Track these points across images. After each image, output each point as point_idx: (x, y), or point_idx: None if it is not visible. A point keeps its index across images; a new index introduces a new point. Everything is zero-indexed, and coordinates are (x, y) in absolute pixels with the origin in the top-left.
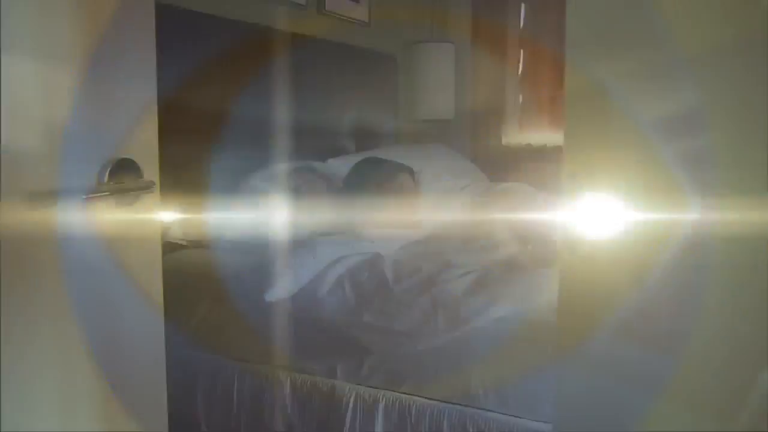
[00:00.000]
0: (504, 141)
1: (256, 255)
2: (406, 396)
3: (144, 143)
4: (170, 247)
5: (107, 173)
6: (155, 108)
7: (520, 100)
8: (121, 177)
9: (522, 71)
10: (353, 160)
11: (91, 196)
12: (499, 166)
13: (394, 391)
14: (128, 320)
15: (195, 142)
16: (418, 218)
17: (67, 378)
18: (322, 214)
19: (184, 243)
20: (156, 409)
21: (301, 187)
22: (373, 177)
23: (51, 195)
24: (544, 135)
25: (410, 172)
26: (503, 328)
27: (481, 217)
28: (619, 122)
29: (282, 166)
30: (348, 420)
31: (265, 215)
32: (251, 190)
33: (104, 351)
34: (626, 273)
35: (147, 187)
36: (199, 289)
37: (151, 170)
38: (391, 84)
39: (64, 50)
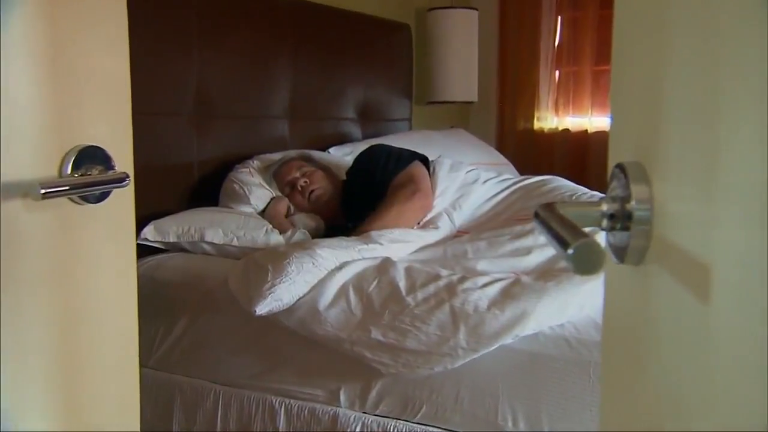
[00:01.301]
0: (536, 126)
1: (244, 259)
2: (421, 427)
3: (115, 128)
4: (144, 251)
5: (70, 164)
6: (128, 86)
7: (557, 77)
8: (87, 168)
9: (559, 42)
10: (359, 148)
11: (49, 191)
12: (531, 156)
13: (407, 421)
14: (95, 340)
15: (172, 126)
16: (434, 217)
17: (19, 405)
18: (322, 211)
19: (161, 246)
20: None
21: (297, 180)
22: (382, 168)
23: None
24: (584, 118)
25: (425, 162)
26: (536, 348)
27: (510, 215)
28: (681, 103)
29: (274, 156)
30: None
31: (254, 212)
32: (239, 183)
33: (66, 378)
34: (687, 284)
35: (119, 181)
36: (178, 300)
37: (123, 160)
38: (403, 59)
39: (18, 18)
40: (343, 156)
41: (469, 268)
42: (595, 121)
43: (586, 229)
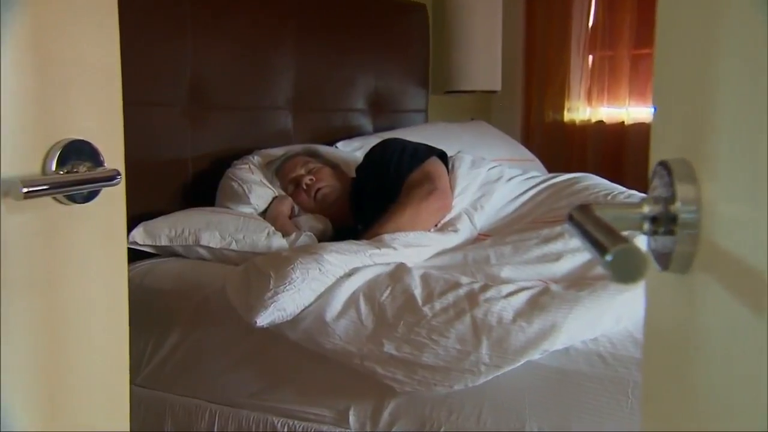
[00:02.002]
0: (567, 117)
1: (244, 265)
2: None
3: (104, 120)
4: (134, 255)
5: (55, 160)
6: (118, 75)
7: (590, 62)
8: (73, 165)
9: (593, 23)
10: (370, 142)
11: (32, 190)
12: (560, 151)
13: None
14: (82, 353)
15: (164, 118)
16: (453, 218)
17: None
18: (330, 211)
19: (151, 250)
20: None
21: (302, 178)
22: (396, 165)
23: None
24: (621, 109)
25: (443, 158)
26: (567, 364)
27: (537, 217)
28: (735, 92)
29: (277, 151)
30: None
31: (254, 213)
32: (237, 181)
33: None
34: (741, 295)
35: (109, 178)
36: (170, 310)
37: (113, 155)
38: (419, 43)
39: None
40: (353, 151)
41: (492, 275)
42: (633, 111)
43: (626, 233)
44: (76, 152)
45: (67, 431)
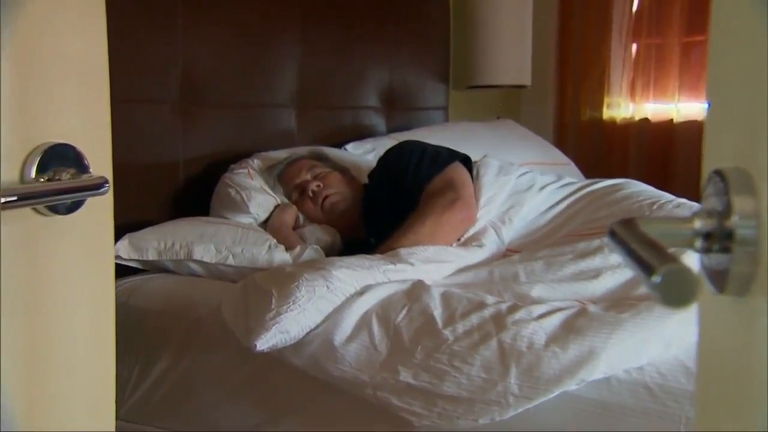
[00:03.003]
0: (606, 115)
1: (242, 282)
2: None
3: (89, 122)
4: (118, 272)
5: (34, 166)
6: (105, 71)
7: (634, 51)
8: (55, 171)
9: (638, 7)
10: (384, 145)
11: (9, 200)
12: (599, 153)
13: None
14: (63, 382)
15: (152, 117)
16: (478, 232)
17: None
18: (339, 222)
19: (137, 265)
20: None
21: (308, 184)
22: (414, 170)
23: None
24: (669, 105)
25: (467, 163)
26: (608, 396)
27: (573, 229)
28: None
29: (279, 154)
30: None
31: (254, 224)
32: (235, 187)
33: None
34: None
35: (95, 187)
36: (158, 333)
37: (100, 161)
38: (438, 33)
39: None
40: (364, 154)
41: (521, 294)
42: (683, 108)
43: (675, 251)
44: (59, 157)
45: None
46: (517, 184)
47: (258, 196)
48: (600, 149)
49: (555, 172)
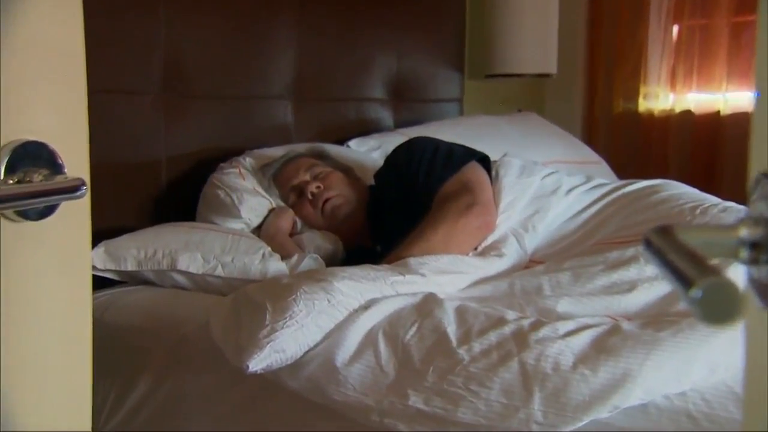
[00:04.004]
0: (643, 107)
1: (233, 295)
2: None
3: (64, 117)
4: (93, 283)
5: (3, 166)
6: (81, 61)
7: (675, 34)
8: (26, 172)
9: None
10: (391, 141)
11: None
12: (634, 150)
13: None
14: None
15: (131, 110)
16: (498, 240)
17: None
18: (341, 228)
19: (114, 276)
20: None
21: (307, 186)
22: (426, 171)
23: None
24: (716, 94)
25: (485, 163)
26: (646, 425)
27: (604, 237)
28: None
29: (274, 151)
30: None
31: (246, 230)
32: (224, 189)
33: None
34: None
35: (71, 189)
36: (138, 352)
37: (76, 161)
38: (452, 16)
39: None
40: (369, 152)
41: (546, 309)
42: (731, 98)
43: (719, 262)
44: (30, 157)
45: None
46: (542, 186)
47: (250, 198)
48: (635, 146)
49: (584, 172)
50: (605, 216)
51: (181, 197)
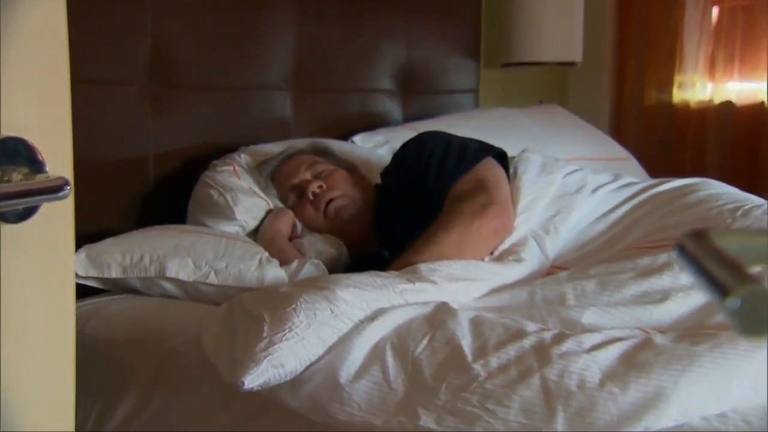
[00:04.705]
0: (677, 97)
1: (227, 304)
2: None
3: (45, 111)
4: (77, 293)
5: None
6: (64, 51)
7: (714, 16)
8: (3, 171)
9: None
10: (400, 136)
11: None
12: (668, 146)
13: None
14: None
15: (115, 102)
16: (517, 243)
17: None
18: (346, 231)
19: (97, 284)
20: None
21: (308, 185)
22: (437, 168)
23: None
24: (760, 84)
25: (502, 160)
26: None
27: (634, 241)
28: None
29: (272, 147)
30: None
31: (241, 233)
32: (218, 188)
33: None
34: None
35: (53, 190)
36: (123, 367)
37: (58, 158)
38: (467, 0)
39: None
40: (376, 148)
41: (570, 320)
42: None
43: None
44: (8, 154)
45: None
46: (564, 184)
47: (246, 199)
48: (669, 141)
49: (611, 170)
50: (635, 218)
51: (170, 198)
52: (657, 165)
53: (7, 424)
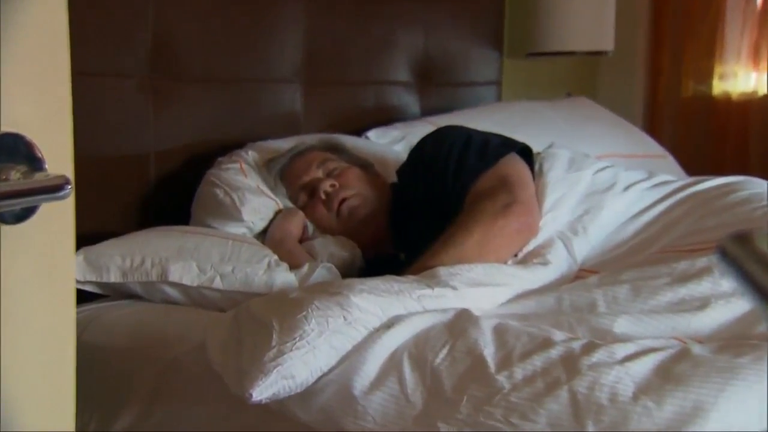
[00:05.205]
0: (718, 89)
1: (234, 311)
2: None
3: (45, 106)
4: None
5: None
6: (65, 43)
7: (758, 3)
8: (1, 169)
9: None
10: (418, 132)
11: None
12: (707, 141)
13: None
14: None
15: (114, 95)
16: (542, 245)
17: None
18: (360, 233)
19: (95, 289)
20: None
21: (320, 183)
22: (456, 165)
23: None
24: None
25: (527, 156)
26: None
27: (670, 244)
28: None
29: (281, 143)
30: None
31: (249, 235)
32: (223, 187)
33: None
34: None
35: (53, 189)
36: (123, 377)
37: (58, 156)
38: None
39: None
40: (391, 144)
41: (600, 329)
42: None
43: None
44: (6, 151)
45: None
46: (594, 182)
47: (253, 198)
48: (708, 136)
49: (645, 168)
50: (671, 219)
51: (173, 197)
52: (695, 162)
53: (7, 425)
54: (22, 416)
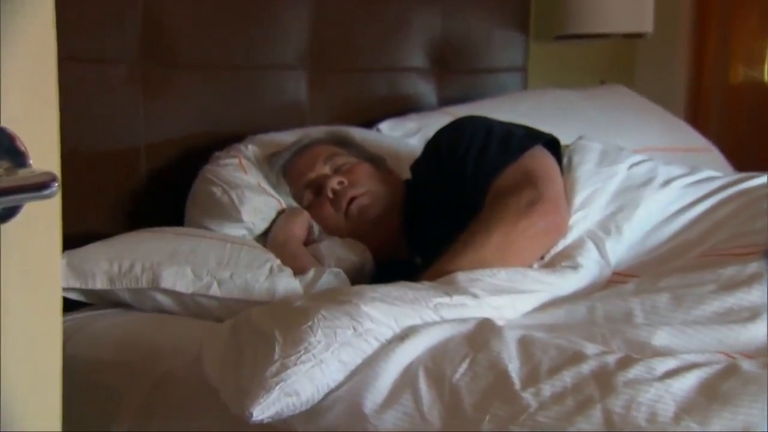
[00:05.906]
0: None
1: (232, 321)
2: None
3: (29, 98)
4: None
5: None
6: (51, 29)
7: None
8: None
9: None
10: (434, 123)
11: None
12: (758, 133)
13: None
14: None
15: (102, 83)
16: (572, 246)
17: None
18: (371, 234)
19: (79, 297)
20: None
21: (327, 180)
22: (475, 159)
23: None
24: None
25: (554, 148)
26: None
27: (715, 246)
28: None
29: (284, 136)
30: None
31: (249, 237)
32: (221, 184)
33: None
34: None
35: (39, 187)
36: (112, 392)
37: (44, 151)
38: None
39: None
40: (405, 137)
41: (637, 341)
42: None
43: None
44: None
45: None
46: (629, 177)
47: (254, 197)
48: (759, 127)
49: (687, 162)
50: (716, 218)
51: (165, 195)
52: (743, 156)
53: None
54: (8, 417)
